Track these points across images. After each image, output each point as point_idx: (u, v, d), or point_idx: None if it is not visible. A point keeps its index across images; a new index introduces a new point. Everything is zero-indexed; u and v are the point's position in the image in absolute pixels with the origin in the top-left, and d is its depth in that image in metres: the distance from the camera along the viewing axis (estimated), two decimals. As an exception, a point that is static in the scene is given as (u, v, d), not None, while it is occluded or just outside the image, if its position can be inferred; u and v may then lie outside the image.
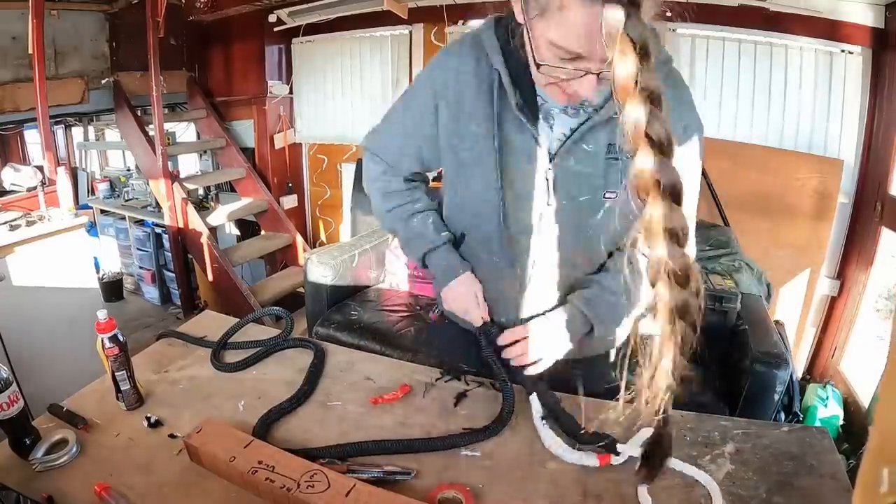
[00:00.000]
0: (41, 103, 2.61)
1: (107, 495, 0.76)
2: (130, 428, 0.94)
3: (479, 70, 0.87)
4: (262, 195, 3.74)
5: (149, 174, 3.43)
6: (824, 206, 2.37)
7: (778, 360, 1.70)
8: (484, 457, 0.87)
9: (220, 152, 3.90)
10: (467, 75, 0.88)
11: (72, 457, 0.85)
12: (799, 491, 0.79)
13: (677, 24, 2.53)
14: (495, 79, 0.85)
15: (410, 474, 0.82)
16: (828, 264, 2.50)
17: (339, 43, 3.45)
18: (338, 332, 2.18)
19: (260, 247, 3.70)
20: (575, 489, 0.80)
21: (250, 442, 0.82)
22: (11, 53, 2.94)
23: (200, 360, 1.15)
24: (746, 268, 2.19)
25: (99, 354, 0.94)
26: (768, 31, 2.40)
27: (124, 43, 3.50)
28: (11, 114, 3.05)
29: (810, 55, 2.37)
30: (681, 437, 0.91)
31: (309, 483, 0.75)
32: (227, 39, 3.75)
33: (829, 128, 2.42)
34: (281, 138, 3.77)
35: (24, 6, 2.53)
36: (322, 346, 1.17)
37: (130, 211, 3.69)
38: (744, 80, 2.51)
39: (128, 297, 3.96)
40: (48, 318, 2.24)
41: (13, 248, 2.17)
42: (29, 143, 4.25)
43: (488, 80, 0.86)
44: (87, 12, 3.34)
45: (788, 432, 0.92)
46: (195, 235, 3.31)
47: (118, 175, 4.00)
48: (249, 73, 3.71)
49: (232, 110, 3.90)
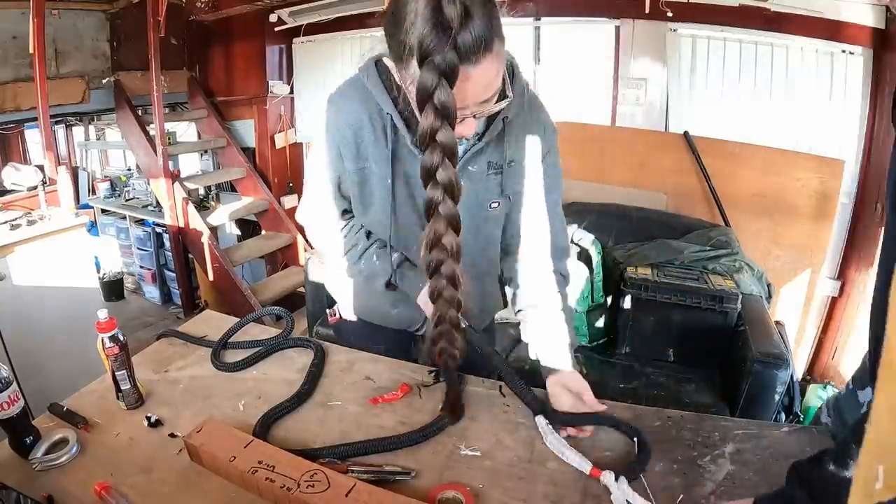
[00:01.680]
0: (42, 103, 2.61)
1: (107, 495, 0.76)
2: (131, 427, 0.94)
3: (371, 114, 0.93)
4: (262, 195, 3.74)
5: (149, 174, 3.43)
6: (825, 207, 2.37)
7: (778, 360, 1.70)
8: (484, 457, 0.87)
9: (220, 152, 3.91)
10: (360, 122, 0.94)
11: (72, 456, 0.85)
12: (799, 491, 0.79)
13: (678, 24, 2.53)
14: (387, 122, 0.92)
15: (410, 474, 0.82)
16: (828, 265, 2.50)
17: (339, 43, 3.44)
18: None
19: (260, 246, 3.70)
20: (575, 489, 0.80)
21: (250, 442, 0.82)
22: (12, 53, 2.94)
23: (201, 359, 1.15)
24: (747, 268, 2.19)
25: (99, 354, 0.94)
26: (769, 32, 2.41)
27: (125, 42, 3.50)
28: (12, 113, 3.05)
29: (811, 55, 2.37)
30: (681, 437, 0.91)
31: (309, 483, 0.75)
32: (227, 39, 3.75)
33: (829, 128, 2.42)
34: (282, 138, 3.77)
35: (25, 6, 2.54)
36: (322, 345, 1.17)
37: (131, 210, 3.69)
38: (744, 80, 2.51)
39: (128, 296, 3.96)
40: (48, 318, 2.24)
41: (14, 247, 2.17)
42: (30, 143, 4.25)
43: (381, 123, 0.93)
44: (87, 12, 3.35)
45: (788, 432, 0.92)
46: (196, 235, 3.31)
47: (119, 175, 4.00)
48: (250, 72, 3.71)
49: (233, 110, 3.91)
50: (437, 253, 0.73)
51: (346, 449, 0.87)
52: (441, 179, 0.68)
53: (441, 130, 0.65)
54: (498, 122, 0.92)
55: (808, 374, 2.65)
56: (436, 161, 0.67)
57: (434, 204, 0.69)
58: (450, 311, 0.78)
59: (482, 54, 0.68)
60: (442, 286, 0.75)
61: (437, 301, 0.77)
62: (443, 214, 0.70)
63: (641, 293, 2.07)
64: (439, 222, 0.70)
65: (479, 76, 0.70)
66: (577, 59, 2.86)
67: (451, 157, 0.67)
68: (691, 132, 2.55)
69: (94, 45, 3.42)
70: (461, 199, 0.95)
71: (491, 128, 0.93)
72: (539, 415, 0.92)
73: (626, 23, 2.65)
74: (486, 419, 0.96)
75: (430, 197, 0.69)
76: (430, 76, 0.63)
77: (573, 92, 2.89)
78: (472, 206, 0.99)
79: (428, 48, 0.63)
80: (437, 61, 0.63)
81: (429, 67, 0.63)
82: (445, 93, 0.63)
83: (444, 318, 0.79)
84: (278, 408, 0.96)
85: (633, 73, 2.69)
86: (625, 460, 0.85)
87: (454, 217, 0.70)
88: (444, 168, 0.68)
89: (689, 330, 2.05)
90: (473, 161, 0.96)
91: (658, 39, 2.59)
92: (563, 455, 0.85)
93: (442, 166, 0.68)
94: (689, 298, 2.01)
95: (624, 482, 0.77)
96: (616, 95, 2.75)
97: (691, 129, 2.56)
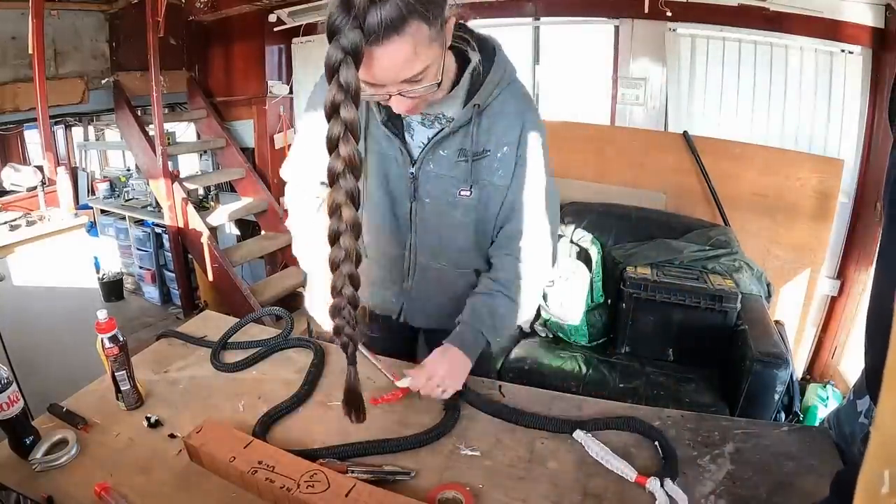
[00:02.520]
0: (41, 103, 2.61)
1: (107, 495, 0.76)
2: (130, 428, 0.94)
3: None
4: (262, 195, 3.74)
5: (149, 174, 3.43)
6: (824, 206, 2.37)
7: (778, 360, 1.70)
8: (484, 457, 0.87)
9: (220, 152, 3.90)
10: None
11: (72, 457, 0.85)
12: (799, 491, 0.79)
13: (678, 24, 2.53)
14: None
15: (410, 474, 0.82)
16: (828, 264, 2.50)
17: (339, 43, 3.45)
18: (338, 332, 2.18)
19: (260, 247, 3.70)
20: (575, 489, 0.80)
21: (250, 442, 0.82)
22: (11, 53, 2.94)
23: (200, 360, 1.15)
24: (746, 268, 2.19)
25: (99, 354, 0.94)
26: (768, 31, 2.40)
27: (124, 43, 3.49)
28: (11, 114, 3.05)
29: (810, 55, 2.37)
30: (681, 436, 0.91)
31: (309, 483, 0.75)
32: (227, 39, 3.75)
33: (829, 128, 2.42)
34: (281, 138, 3.77)
35: (24, 6, 2.53)
36: (322, 345, 1.17)
37: (130, 211, 3.69)
38: (744, 80, 2.51)
39: (128, 296, 3.95)
40: (48, 318, 2.24)
41: (13, 248, 2.17)
42: (29, 143, 4.25)
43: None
44: (86, 12, 3.34)
45: (788, 432, 0.92)
46: (195, 235, 3.31)
47: (118, 175, 4.00)
48: (249, 73, 3.71)
49: (232, 110, 3.90)
50: (335, 222, 0.73)
51: (345, 449, 0.87)
52: (343, 153, 0.69)
53: (343, 105, 0.67)
54: (469, 108, 0.93)
55: (807, 374, 2.65)
56: (336, 133, 0.68)
57: (334, 174, 0.70)
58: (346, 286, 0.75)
59: (390, 35, 0.70)
60: (339, 258, 0.74)
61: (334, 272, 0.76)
62: (343, 187, 0.70)
63: (641, 293, 2.07)
64: (339, 193, 0.71)
65: (387, 56, 0.72)
66: (577, 59, 2.86)
67: (353, 132, 0.68)
68: (691, 132, 2.55)
69: (94, 46, 3.42)
70: (429, 183, 0.99)
71: (461, 114, 0.94)
72: (577, 429, 0.90)
73: (625, 22, 2.65)
74: (486, 419, 0.96)
75: (331, 167, 0.70)
76: (334, 53, 0.66)
77: (572, 92, 2.90)
78: (440, 191, 1.01)
79: (333, 26, 0.67)
80: (340, 40, 0.66)
81: (334, 45, 0.66)
82: (348, 71, 0.66)
83: (340, 291, 0.76)
84: (278, 408, 0.96)
85: (633, 73, 2.69)
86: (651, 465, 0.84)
87: (353, 190, 0.71)
88: (345, 142, 0.69)
89: (689, 329, 2.05)
90: (443, 145, 0.98)
91: (657, 39, 2.59)
92: (608, 463, 0.84)
93: (342, 140, 0.68)
94: (689, 298, 2.01)
95: (671, 484, 0.77)
96: (615, 95, 2.75)
97: (691, 129, 2.56)
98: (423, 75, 0.78)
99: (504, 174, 0.99)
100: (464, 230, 1.05)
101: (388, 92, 0.80)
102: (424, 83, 0.79)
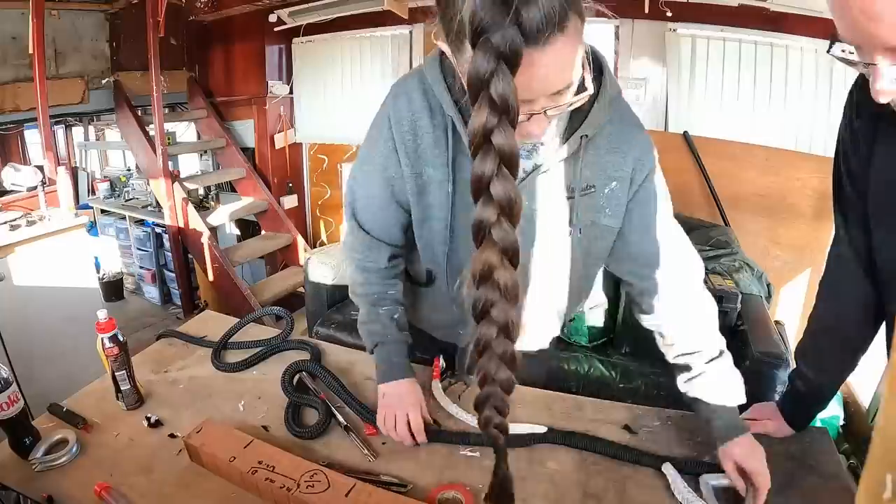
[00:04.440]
0: (41, 103, 2.61)
1: (107, 495, 0.76)
2: (130, 428, 0.94)
3: (433, 113, 0.83)
4: (262, 195, 3.74)
5: (149, 174, 3.43)
6: (824, 206, 2.37)
7: (778, 360, 1.70)
8: (484, 457, 0.87)
9: (220, 152, 3.90)
10: (421, 120, 0.84)
11: (72, 457, 0.85)
12: (799, 491, 0.79)
13: (678, 24, 2.53)
14: (448, 123, 0.82)
15: (406, 487, 0.81)
16: (828, 264, 2.50)
17: (339, 43, 3.43)
18: (338, 332, 2.18)
19: (260, 247, 3.70)
20: (575, 489, 0.80)
21: (250, 442, 0.82)
22: (12, 53, 2.94)
23: (200, 360, 1.15)
24: (746, 268, 2.18)
25: (99, 354, 0.94)
26: (768, 31, 2.40)
27: (124, 43, 3.49)
28: (12, 114, 3.05)
29: (810, 55, 2.37)
30: (681, 437, 0.91)
31: (309, 483, 0.75)
32: (227, 39, 3.75)
33: (829, 128, 2.42)
34: (281, 138, 3.77)
35: (25, 6, 2.53)
36: (320, 346, 1.17)
37: (131, 211, 3.69)
38: (744, 80, 2.51)
39: (128, 296, 3.95)
40: (48, 318, 2.24)
41: (13, 248, 2.17)
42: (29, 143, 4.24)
43: (442, 125, 0.83)
44: (87, 12, 3.34)
45: (788, 432, 0.91)
46: (195, 235, 3.30)
47: (118, 175, 4.00)
48: (250, 73, 3.71)
49: (232, 110, 3.90)
50: (486, 291, 0.53)
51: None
52: (496, 194, 0.49)
53: (497, 130, 0.48)
54: (575, 138, 0.80)
55: (807, 374, 2.65)
56: (489, 170, 0.49)
57: (485, 226, 0.50)
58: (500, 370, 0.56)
59: (553, 34, 0.54)
60: (490, 336, 0.54)
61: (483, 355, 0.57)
62: (496, 240, 0.50)
63: (641, 293, 2.06)
64: (491, 251, 0.51)
65: (549, 61, 0.57)
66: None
67: (510, 165, 0.49)
68: (691, 132, 2.55)
69: (94, 46, 3.42)
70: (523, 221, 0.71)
71: (568, 144, 0.80)
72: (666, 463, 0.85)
73: (625, 22, 2.65)
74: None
75: (481, 217, 0.50)
76: (484, 61, 0.47)
77: (573, 92, 2.89)
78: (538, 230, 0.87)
79: (483, 24, 0.48)
80: (494, 41, 0.47)
81: (483, 49, 0.47)
82: (505, 82, 0.47)
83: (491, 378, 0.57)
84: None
85: (633, 73, 2.69)
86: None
87: (511, 245, 0.51)
88: (501, 179, 0.49)
89: (689, 330, 2.04)
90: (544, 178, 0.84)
91: (657, 39, 2.59)
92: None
93: (498, 177, 0.49)
94: (689, 298, 2.01)
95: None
96: (616, 95, 2.75)
97: (691, 129, 2.56)
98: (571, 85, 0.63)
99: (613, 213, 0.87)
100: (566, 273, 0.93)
101: (532, 109, 0.62)
102: (569, 95, 0.64)
